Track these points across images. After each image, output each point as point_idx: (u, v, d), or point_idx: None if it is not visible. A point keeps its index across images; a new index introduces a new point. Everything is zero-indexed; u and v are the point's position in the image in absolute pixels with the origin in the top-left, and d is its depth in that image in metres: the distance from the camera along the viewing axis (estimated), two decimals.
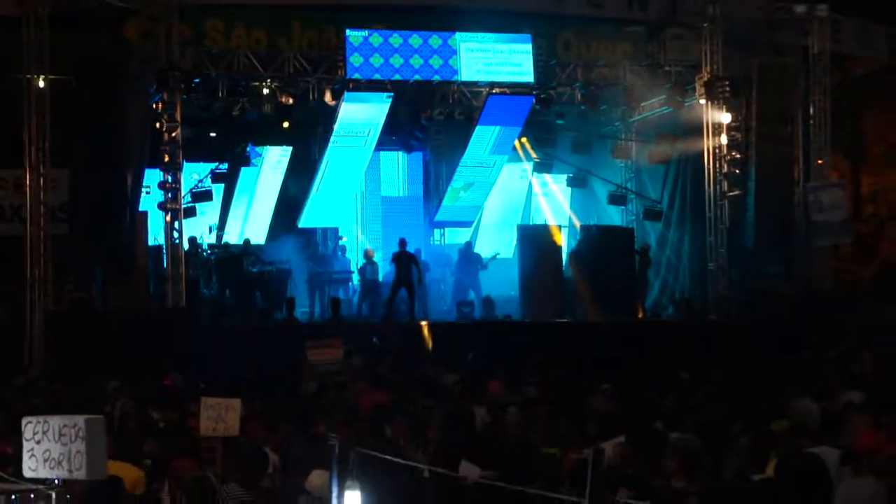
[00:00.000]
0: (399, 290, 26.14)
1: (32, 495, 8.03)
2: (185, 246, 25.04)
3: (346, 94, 26.26)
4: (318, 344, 18.90)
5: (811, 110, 27.33)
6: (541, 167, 31.02)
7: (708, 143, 27.00)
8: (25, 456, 7.88)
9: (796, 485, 9.17)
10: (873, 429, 11.31)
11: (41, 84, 22.99)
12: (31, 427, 7.89)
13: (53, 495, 7.84)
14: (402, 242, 26.57)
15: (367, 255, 28.44)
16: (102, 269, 23.73)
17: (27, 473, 7.87)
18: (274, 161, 29.92)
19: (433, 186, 31.37)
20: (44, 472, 7.74)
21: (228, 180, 28.77)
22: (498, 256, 30.10)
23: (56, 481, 7.75)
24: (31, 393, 17.17)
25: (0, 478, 8.39)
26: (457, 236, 31.30)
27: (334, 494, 8.24)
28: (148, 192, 25.71)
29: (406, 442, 12.24)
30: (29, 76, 22.95)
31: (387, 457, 9.56)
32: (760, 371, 18.25)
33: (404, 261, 26.24)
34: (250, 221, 29.88)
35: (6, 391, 17.45)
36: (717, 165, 26.95)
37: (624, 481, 9.47)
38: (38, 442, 7.84)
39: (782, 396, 14.40)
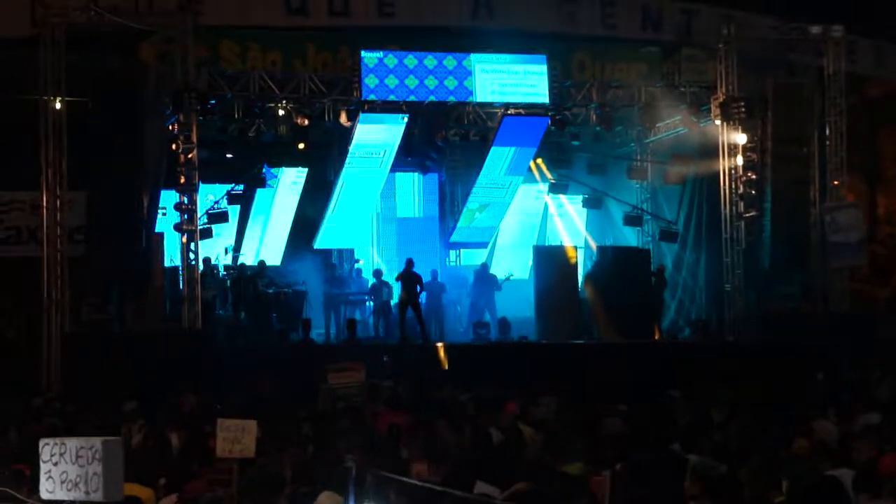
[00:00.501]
0: (406, 309, 26.18)
1: None
2: (201, 267, 25.06)
3: (362, 116, 26.30)
4: (338, 367, 18.87)
5: (827, 131, 27.24)
6: (556, 188, 31.00)
7: (724, 164, 26.93)
8: (43, 478, 7.89)
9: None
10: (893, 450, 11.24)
11: (58, 106, 23.10)
12: (48, 449, 7.90)
13: None
14: (409, 263, 26.64)
15: (377, 276, 28.45)
16: (119, 291, 23.79)
17: (44, 495, 7.89)
18: (289, 182, 29.94)
19: (448, 207, 31.38)
20: (61, 494, 7.75)
21: (244, 202, 28.83)
22: (512, 277, 30.06)
23: (74, 503, 7.76)
24: (48, 414, 17.17)
25: (17, 499, 8.41)
26: (473, 258, 31.28)
27: None
28: (164, 214, 25.74)
29: (421, 464, 12.19)
30: (45, 98, 23.04)
31: (403, 479, 9.55)
32: (777, 393, 18.16)
33: (409, 281, 26.28)
34: (266, 243, 29.89)
35: (23, 412, 17.46)
36: (733, 186, 26.89)
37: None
38: (55, 464, 7.85)
39: (800, 418, 14.33)
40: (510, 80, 27.08)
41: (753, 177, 26.82)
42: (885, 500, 9.67)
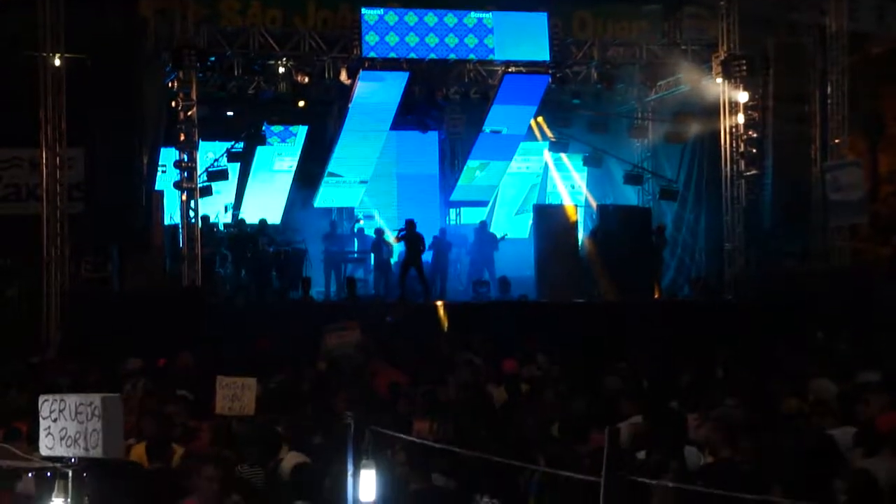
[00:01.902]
0: (408, 269, 26.19)
1: (49, 473, 8.03)
2: (201, 225, 25.03)
3: (362, 73, 26.24)
4: (334, 328, 18.89)
5: (829, 89, 27.13)
6: (556, 146, 30.96)
7: (724, 123, 26.87)
8: (42, 434, 7.88)
9: (809, 464, 9.19)
10: (891, 409, 11.26)
11: (56, 62, 22.96)
12: (47, 405, 7.89)
13: (70, 473, 7.84)
14: (410, 223, 26.58)
15: (378, 234, 28.43)
16: (118, 249, 23.75)
17: (43, 451, 7.88)
18: (290, 140, 29.90)
19: (449, 166, 31.34)
20: (60, 450, 7.74)
21: (244, 159, 28.78)
22: (507, 237, 30.10)
23: (73, 459, 7.75)
24: (48, 371, 17.20)
25: (17, 455, 8.41)
26: (473, 216, 31.27)
27: (349, 473, 8.23)
28: (164, 171, 25.72)
29: (422, 422, 12.22)
30: (44, 54, 22.93)
31: (402, 436, 9.56)
32: (777, 351, 18.19)
33: (412, 241, 26.27)
34: (266, 201, 29.85)
35: (23, 370, 17.49)
36: (734, 145, 26.83)
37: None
38: (54, 420, 7.84)
39: (798, 376, 14.36)
40: (511, 37, 26.97)
41: (754, 135, 26.76)
42: (884, 458, 9.70)
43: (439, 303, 24.74)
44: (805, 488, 8.11)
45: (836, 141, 27.15)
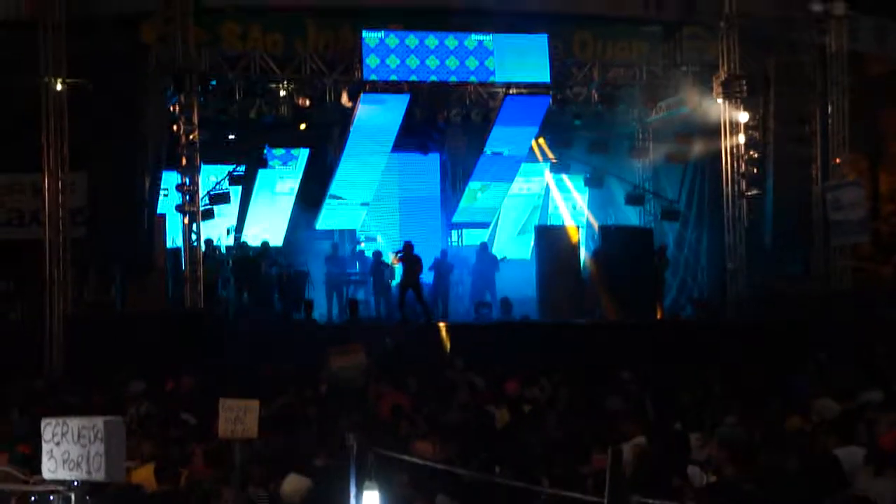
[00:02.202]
0: (406, 291, 26.20)
1: (52, 497, 8.05)
2: (203, 248, 25.05)
3: (363, 96, 26.29)
4: (339, 350, 18.89)
5: (829, 109, 27.20)
6: (558, 167, 30.97)
7: (725, 143, 26.89)
8: (45, 457, 7.90)
9: (813, 484, 9.19)
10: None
11: (58, 87, 23.02)
12: (50, 429, 7.91)
13: (73, 496, 7.85)
14: (407, 245, 26.61)
15: (376, 257, 28.43)
16: (121, 272, 23.79)
17: (46, 475, 7.90)
18: (291, 163, 29.93)
19: (450, 187, 31.34)
20: (63, 474, 7.76)
21: (246, 182, 28.80)
22: (507, 259, 30.14)
23: (75, 483, 7.76)
24: (51, 396, 17.21)
25: (19, 479, 8.42)
26: (475, 238, 31.27)
27: (352, 494, 8.24)
28: (166, 195, 25.75)
29: (424, 443, 12.23)
30: (46, 80, 22.99)
31: (405, 457, 9.57)
32: (779, 371, 18.18)
33: (409, 263, 26.30)
34: (268, 223, 29.85)
35: (26, 395, 17.49)
36: (735, 165, 26.85)
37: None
38: (57, 443, 7.86)
39: (801, 396, 14.37)
40: (512, 59, 27.03)
41: (755, 155, 26.79)
42: (889, 478, 9.68)
43: (441, 324, 24.72)
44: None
45: (837, 160, 27.19)
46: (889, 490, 9.11)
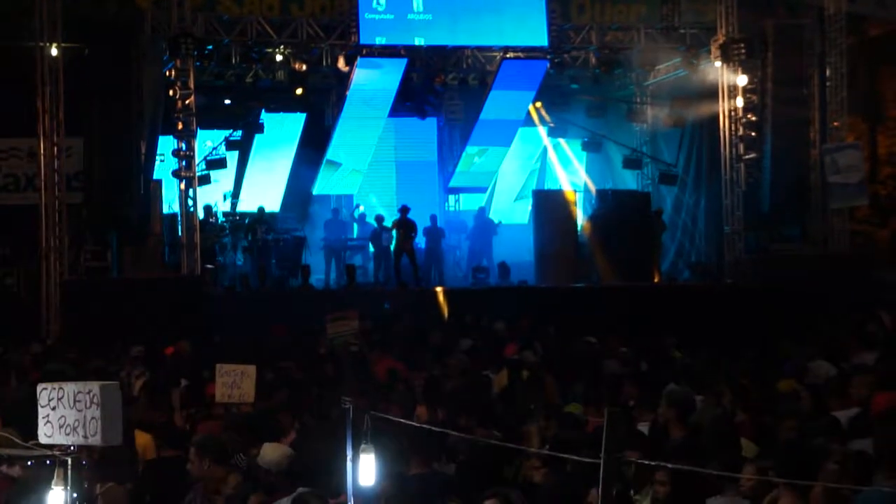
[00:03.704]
0: (401, 256, 26.24)
1: (48, 461, 8.04)
2: (200, 214, 25.02)
3: (360, 60, 26.18)
4: (335, 316, 18.90)
5: (827, 72, 27.12)
6: (555, 132, 30.95)
7: (723, 106, 26.83)
8: (41, 422, 7.88)
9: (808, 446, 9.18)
10: (890, 391, 11.25)
11: (54, 52, 22.96)
12: (45, 393, 7.89)
13: (69, 461, 7.85)
14: (404, 209, 26.69)
15: (378, 221, 28.43)
16: (117, 238, 23.77)
17: (42, 440, 7.88)
18: (288, 128, 29.86)
19: (447, 152, 31.30)
20: (59, 439, 7.74)
21: (242, 147, 28.75)
22: (504, 223, 30.15)
23: (72, 447, 7.75)
24: (48, 361, 17.21)
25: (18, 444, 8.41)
26: (472, 202, 31.27)
27: (349, 458, 8.24)
28: (162, 160, 25.71)
29: (421, 407, 12.23)
30: (41, 44, 22.91)
31: (401, 420, 9.57)
32: (777, 333, 18.19)
33: (404, 227, 26.32)
34: (265, 189, 29.81)
35: (23, 359, 17.50)
36: (733, 128, 26.78)
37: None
38: (53, 408, 7.84)
39: (799, 358, 14.37)
40: (509, 23, 26.91)
41: (753, 118, 26.71)
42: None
43: (438, 289, 24.74)
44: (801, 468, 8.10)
45: (836, 124, 27.14)
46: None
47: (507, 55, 27.07)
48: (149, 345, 17.99)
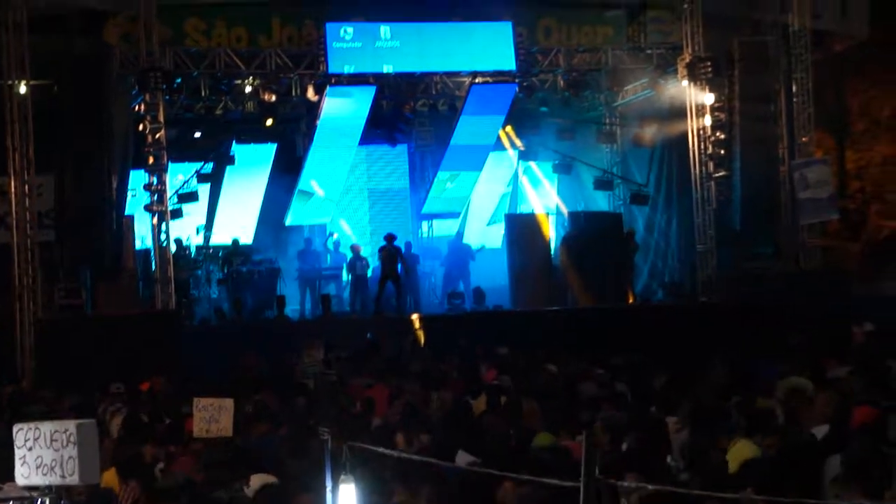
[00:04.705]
0: (385, 284, 26.26)
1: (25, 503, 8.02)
2: (173, 248, 24.97)
3: (329, 89, 26.21)
4: (304, 345, 18.96)
5: (793, 88, 27.29)
6: (526, 155, 31.03)
7: (692, 125, 26.95)
8: (18, 463, 7.87)
9: (792, 462, 9.22)
10: (865, 404, 11.31)
11: (22, 90, 22.88)
12: (22, 434, 7.87)
13: (47, 502, 7.82)
14: (389, 237, 26.74)
15: (355, 251, 28.42)
16: (91, 275, 23.68)
17: (20, 481, 7.86)
18: (259, 159, 29.83)
19: (419, 178, 31.33)
20: (37, 479, 7.73)
21: (214, 180, 28.71)
22: (482, 247, 30.19)
23: (50, 487, 7.74)
24: (23, 401, 17.13)
25: None
26: (445, 228, 31.29)
27: (328, 489, 8.23)
28: (134, 195, 25.65)
29: (398, 435, 12.22)
30: (9, 82, 22.85)
31: (381, 450, 9.55)
32: (751, 350, 18.26)
33: (389, 255, 26.36)
34: (237, 221, 29.76)
35: None
36: (702, 147, 26.90)
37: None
38: (29, 449, 7.83)
39: (772, 375, 14.42)
40: (476, 47, 27.00)
41: (722, 136, 26.84)
42: None
43: (415, 316, 24.74)
44: (782, 488, 8.14)
45: (804, 139, 27.30)
46: None
47: (476, 80, 27.14)
48: (125, 381, 17.93)
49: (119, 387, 17.64)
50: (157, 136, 24.10)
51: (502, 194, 32.58)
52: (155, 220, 24.18)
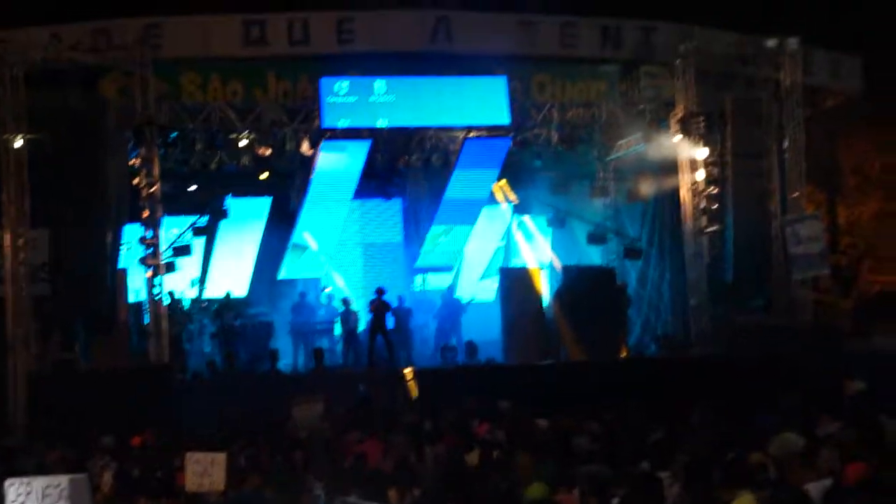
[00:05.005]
0: (375, 337, 26.30)
1: None
2: (167, 301, 24.98)
3: (323, 143, 26.34)
4: (300, 400, 18.91)
5: (785, 143, 27.44)
6: (520, 209, 31.12)
7: (685, 179, 27.06)
8: None
9: None
10: (858, 459, 11.31)
11: (18, 143, 22.99)
12: (13, 489, 7.88)
13: None
14: (379, 291, 26.83)
15: (346, 304, 28.46)
16: (84, 328, 23.68)
17: None
18: (253, 212, 29.91)
19: (413, 232, 31.40)
20: None
21: (208, 233, 28.74)
22: (474, 301, 30.21)
23: None
24: (14, 456, 17.07)
25: None
26: (440, 281, 31.32)
27: None
28: (128, 248, 25.69)
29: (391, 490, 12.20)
30: (5, 136, 22.95)
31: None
32: (743, 404, 18.25)
33: (379, 309, 26.43)
34: (231, 274, 29.79)
35: None
36: (695, 201, 27.00)
37: None
38: None
39: (765, 429, 14.41)
40: (471, 102, 27.14)
41: (715, 191, 26.95)
42: None
43: (407, 370, 24.73)
44: None
45: (795, 194, 27.41)
46: None
47: (470, 134, 27.29)
48: (117, 435, 17.88)
49: (110, 441, 17.59)
50: (153, 189, 24.20)
51: (496, 248, 32.64)
52: (149, 274, 24.22)
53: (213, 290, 28.76)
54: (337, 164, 27.00)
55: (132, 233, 25.03)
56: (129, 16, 25.01)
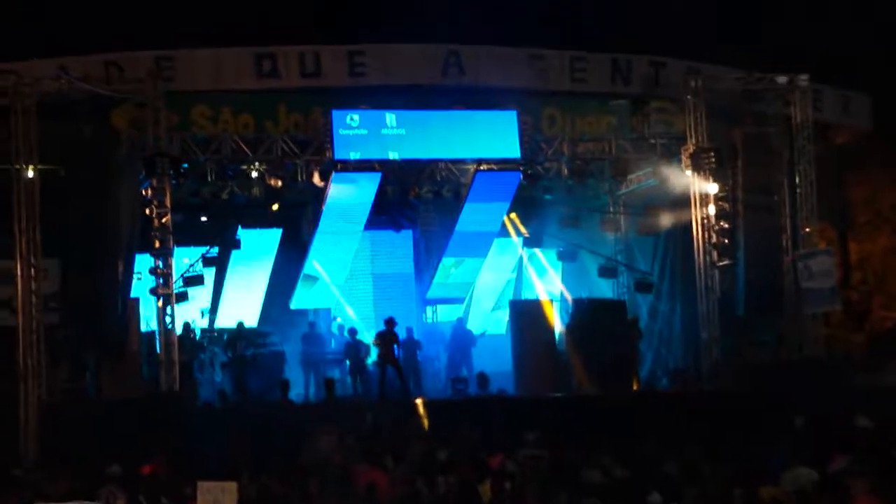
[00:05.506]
0: (385, 367, 26.32)
1: None
2: (178, 331, 25.02)
3: (335, 175, 26.40)
4: (314, 432, 18.97)
5: (796, 179, 27.46)
6: (530, 242, 31.15)
7: (696, 214, 27.07)
8: None
9: None
10: (871, 493, 11.30)
11: (30, 174, 23.08)
12: None
13: None
14: (389, 322, 26.82)
15: (352, 335, 28.48)
16: (95, 358, 23.71)
17: None
18: (265, 243, 29.99)
19: (424, 264, 31.46)
20: None
21: (219, 264, 28.84)
22: (487, 333, 30.20)
23: None
24: (26, 486, 17.09)
25: None
26: (450, 313, 31.35)
27: None
28: (140, 278, 25.74)
29: None
30: (17, 167, 23.05)
31: None
32: (756, 441, 18.23)
33: (387, 340, 26.45)
34: (242, 304, 29.86)
35: (1, 485, 17.36)
36: (706, 236, 26.99)
37: None
38: None
39: (777, 464, 14.40)
40: (482, 135, 27.21)
41: (726, 226, 26.94)
42: None
43: (418, 400, 24.72)
44: None
45: (807, 230, 27.41)
46: None
47: (481, 167, 27.32)
48: (127, 465, 17.88)
49: (120, 470, 17.59)
50: (164, 220, 24.26)
51: (507, 280, 32.67)
52: (160, 304, 24.27)
53: (225, 320, 28.77)
54: (348, 196, 27.06)
55: (144, 262, 25.08)
56: (142, 48, 25.17)
